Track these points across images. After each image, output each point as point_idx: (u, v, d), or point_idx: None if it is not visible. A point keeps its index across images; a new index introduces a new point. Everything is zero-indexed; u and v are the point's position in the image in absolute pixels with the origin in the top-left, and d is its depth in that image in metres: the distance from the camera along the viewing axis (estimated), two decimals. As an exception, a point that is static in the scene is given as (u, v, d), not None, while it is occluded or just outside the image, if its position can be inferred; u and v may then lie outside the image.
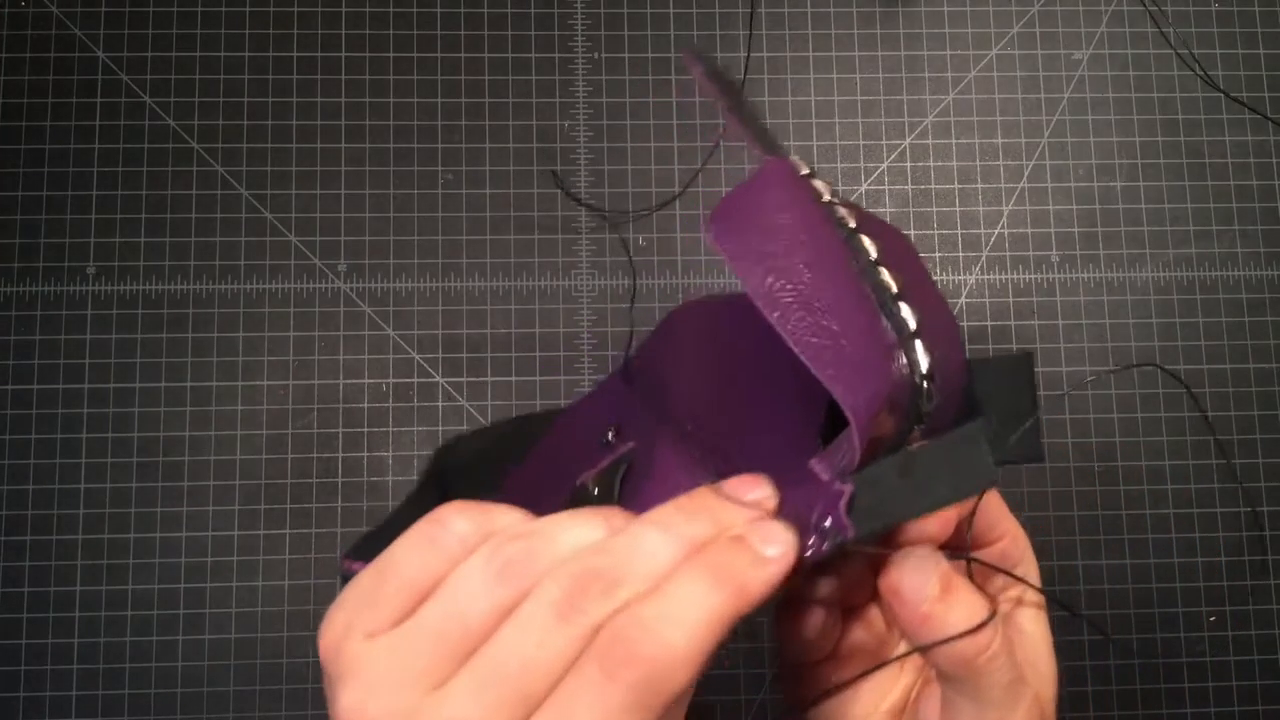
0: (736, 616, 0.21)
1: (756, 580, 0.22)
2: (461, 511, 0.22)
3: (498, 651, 0.20)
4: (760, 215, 0.25)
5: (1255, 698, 0.46)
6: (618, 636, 0.20)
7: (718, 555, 0.21)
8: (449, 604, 0.21)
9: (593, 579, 0.21)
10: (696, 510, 0.22)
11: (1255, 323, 0.49)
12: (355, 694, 0.21)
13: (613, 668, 0.20)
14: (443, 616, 0.21)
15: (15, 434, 0.46)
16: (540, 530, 0.22)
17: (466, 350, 0.47)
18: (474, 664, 0.20)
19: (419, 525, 0.22)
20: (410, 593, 0.22)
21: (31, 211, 0.47)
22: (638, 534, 0.22)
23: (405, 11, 0.49)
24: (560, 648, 0.20)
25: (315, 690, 0.45)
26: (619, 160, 0.49)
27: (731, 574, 0.21)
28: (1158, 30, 0.51)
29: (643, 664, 0.20)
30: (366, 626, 0.21)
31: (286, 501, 0.46)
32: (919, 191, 0.49)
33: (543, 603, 0.21)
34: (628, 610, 0.20)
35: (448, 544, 0.22)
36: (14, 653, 0.44)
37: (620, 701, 0.19)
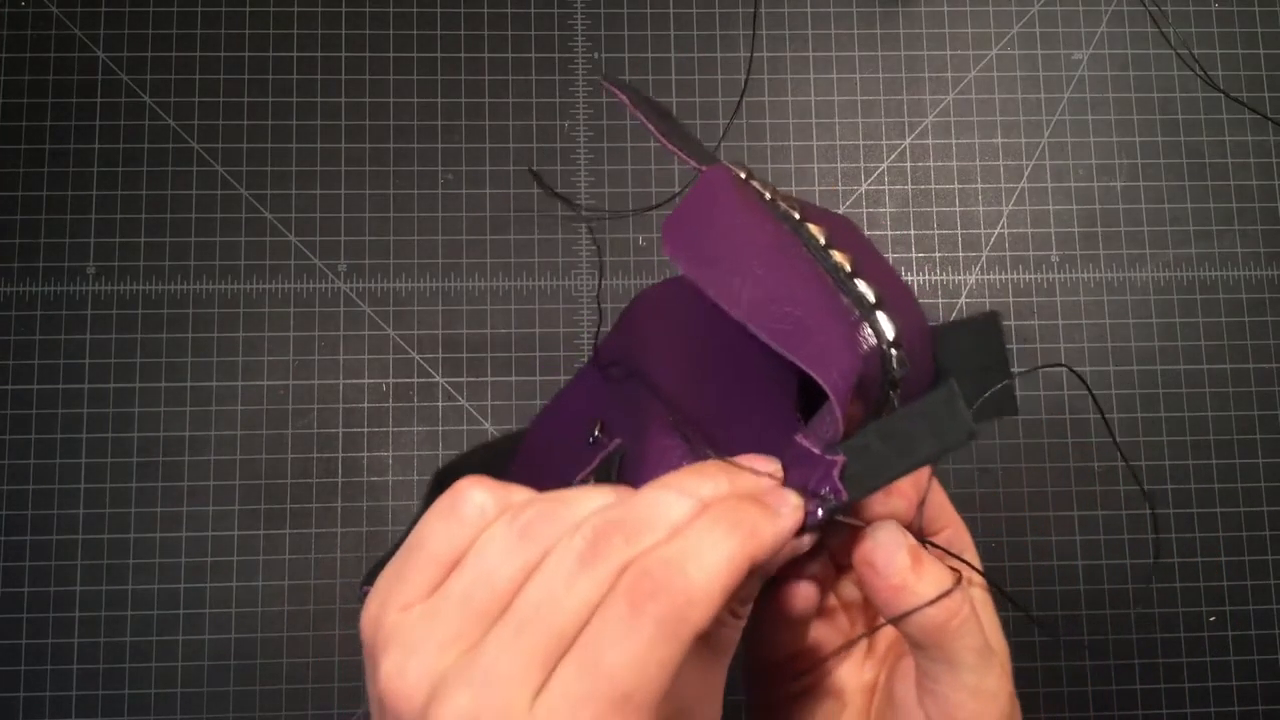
0: (751, 564, 0.22)
1: (770, 531, 0.23)
2: (478, 484, 0.23)
3: (526, 601, 0.21)
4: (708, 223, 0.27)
5: (1255, 698, 0.46)
6: (644, 573, 0.21)
7: (733, 507, 0.23)
8: (476, 568, 0.22)
9: (614, 528, 0.22)
10: (709, 474, 0.24)
11: (1255, 323, 0.49)
12: (394, 660, 0.21)
13: (639, 601, 0.20)
14: (471, 580, 0.22)
15: (15, 434, 0.46)
16: (558, 497, 0.23)
17: (466, 350, 0.47)
18: (505, 618, 0.21)
19: (439, 502, 0.23)
20: (438, 564, 0.23)
21: (31, 211, 0.47)
22: (654, 492, 0.23)
23: (405, 11, 0.49)
24: (587, 590, 0.21)
25: (315, 690, 0.45)
26: (619, 160, 0.49)
27: (747, 523, 0.22)
28: (1158, 30, 0.51)
29: (668, 597, 0.20)
30: (400, 600, 0.22)
31: (286, 501, 0.46)
32: (919, 191, 0.49)
33: (568, 553, 0.21)
34: (651, 552, 0.21)
35: (469, 515, 0.23)
36: (14, 653, 0.44)
37: (648, 634, 0.20)
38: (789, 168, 0.49)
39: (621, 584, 0.21)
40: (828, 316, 0.25)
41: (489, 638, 0.21)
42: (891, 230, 0.49)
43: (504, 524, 0.22)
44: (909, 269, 0.49)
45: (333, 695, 0.45)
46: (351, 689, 0.45)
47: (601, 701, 0.20)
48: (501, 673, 0.20)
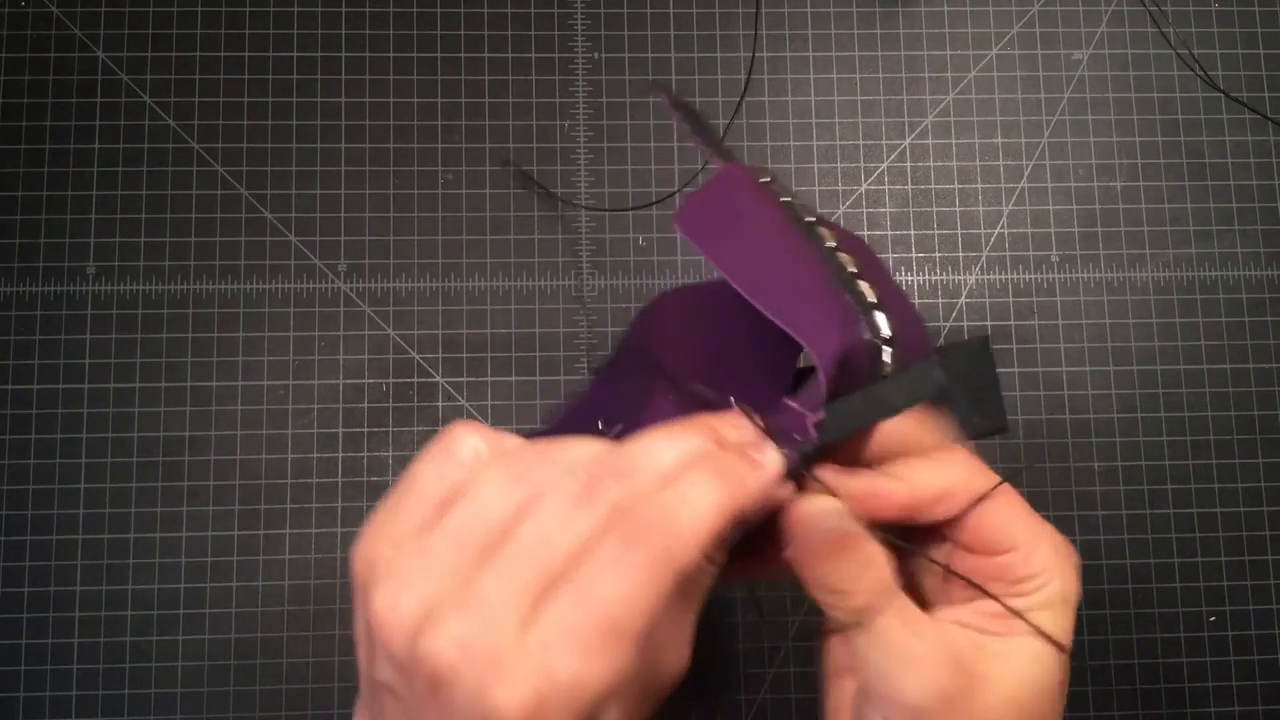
0: (736, 510, 0.23)
1: (753, 480, 0.24)
2: (471, 428, 0.24)
3: (521, 537, 0.22)
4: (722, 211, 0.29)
5: (1255, 698, 0.46)
6: (635, 513, 0.22)
7: (719, 458, 0.24)
8: (471, 506, 0.23)
9: (608, 471, 0.23)
10: (696, 427, 0.25)
11: (1255, 323, 0.49)
12: (387, 593, 0.22)
13: (630, 539, 0.21)
14: (467, 516, 0.23)
15: (15, 434, 0.46)
16: (553, 444, 0.24)
17: (466, 350, 0.47)
18: (500, 552, 0.22)
19: (434, 443, 0.24)
20: (431, 503, 0.23)
21: (31, 211, 0.47)
22: (645, 441, 0.24)
23: (405, 11, 0.49)
24: (580, 528, 0.22)
25: (315, 690, 0.45)
26: (619, 160, 0.49)
27: (732, 472, 0.23)
28: (1158, 30, 0.51)
29: (658, 537, 0.21)
30: (393, 536, 0.23)
31: (286, 501, 0.46)
32: (919, 191, 0.49)
33: (563, 493, 0.22)
34: (643, 495, 0.22)
35: (463, 457, 0.24)
36: (14, 653, 0.44)
37: (638, 570, 0.21)
38: (789, 168, 0.49)
39: (615, 523, 0.22)
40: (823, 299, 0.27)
41: (483, 570, 0.22)
42: (891, 230, 0.49)
43: (499, 465, 0.23)
44: (909, 269, 0.49)
45: (333, 695, 0.45)
46: (351, 689, 0.45)
47: (591, 631, 0.21)
48: (494, 602, 0.21)
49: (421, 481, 0.24)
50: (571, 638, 0.21)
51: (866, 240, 0.49)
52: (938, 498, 0.26)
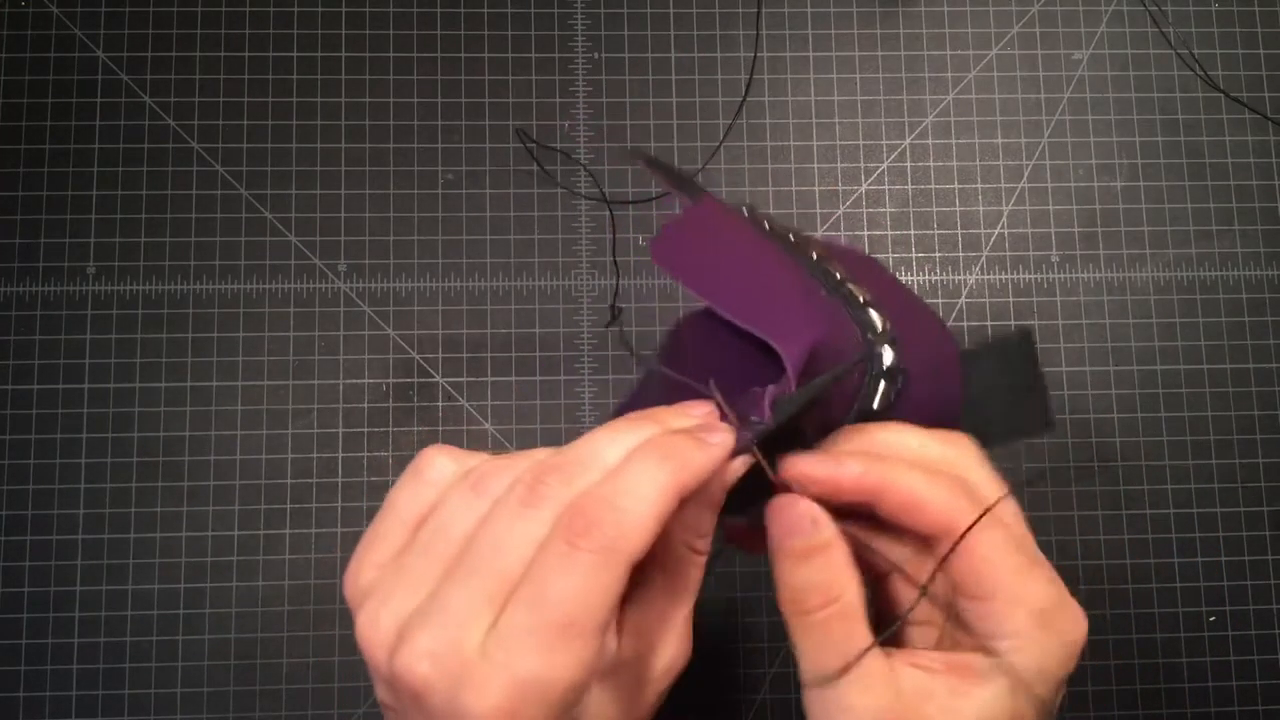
0: (684, 489, 0.23)
1: (700, 458, 0.24)
2: (441, 450, 0.26)
3: (477, 547, 0.23)
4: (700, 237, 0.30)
5: (1255, 698, 0.46)
6: (578, 511, 0.22)
7: (664, 440, 0.24)
8: (436, 523, 0.24)
9: (551, 472, 0.23)
10: (645, 419, 0.25)
11: (1255, 323, 0.49)
12: (368, 612, 0.23)
13: (575, 537, 0.22)
14: (432, 534, 0.24)
15: (15, 434, 0.46)
16: (508, 456, 0.25)
17: (466, 350, 0.47)
18: (460, 564, 0.23)
19: (406, 472, 0.25)
20: (406, 525, 0.25)
21: (31, 211, 0.47)
22: (589, 438, 0.25)
23: (405, 11, 0.49)
24: (528, 531, 0.23)
25: (315, 690, 0.45)
26: (619, 160, 0.49)
27: (677, 453, 0.24)
28: (1158, 30, 0.51)
29: (603, 530, 0.22)
30: (373, 560, 0.24)
31: (286, 501, 0.46)
32: (919, 191, 0.49)
33: (510, 499, 0.23)
34: (586, 491, 0.23)
35: (432, 477, 0.25)
36: (14, 653, 0.44)
37: (585, 565, 0.22)
38: (789, 168, 0.49)
39: (559, 522, 0.22)
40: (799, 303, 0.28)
41: (448, 583, 0.23)
42: (891, 230, 0.49)
43: (462, 481, 0.24)
44: (909, 269, 0.49)
45: (333, 695, 0.45)
46: (351, 689, 0.45)
47: (548, 631, 0.21)
48: (456, 613, 0.22)
49: (396, 506, 0.25)
50: (530, 638, 0.21)
51: (865, 245, 0.49)
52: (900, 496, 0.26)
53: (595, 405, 0.47)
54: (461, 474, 0.25)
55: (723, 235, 0.31)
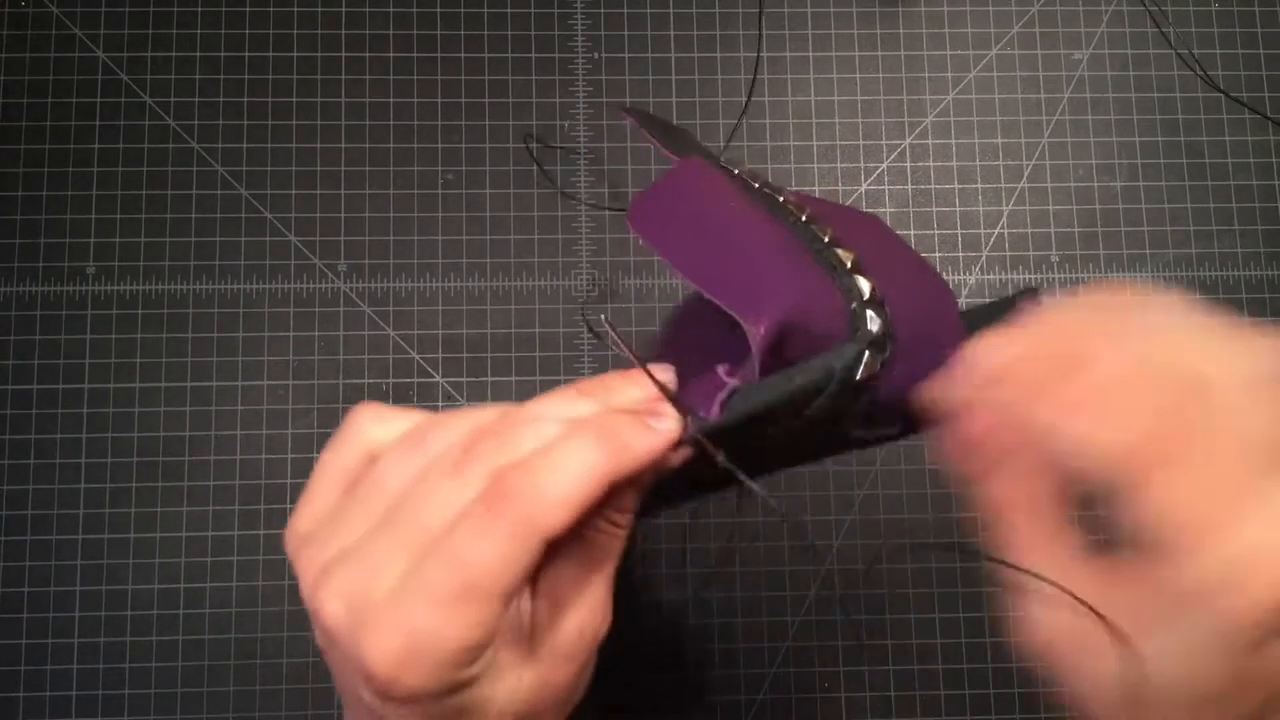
0: (615, 475, 0.23)
1: (639, 444, 0.24)
2: (366, 411, 0.26)
3: (406, 503, 0.23)
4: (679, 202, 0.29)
5: (1255, 698, 0.46)
6: (503, 479, 0.23)
7: (607, 420, 0.24)
8: (373, 478, 0.25)
9: (485, 437, 0.24)
10: (593, 389, 0.25)
11: (1255, 323, 0.49)
12: (306, 557, 0.24)
13: (495, 503, 0.22)
14: (368, 487, 0.24)
15: (15, 434, 0.46)
16: (450, 414, 0.25)
17: (466, 350, 0.47)
18: (387, 516, 0.23)
19: (335, 432, 0.26)
20: (335, 484, 0.25)
21: (31, 211, 0.47)
22: (531, 406, 0.25)
23: (405, 11, 0.49)
24: (455, 493, 0.23)
25: (316, 690, 0.45)
26: (619, 160, 0.49)
27: (617, 436, 0.23)
28: (1158, 30, 0.51)
29: (522, 503, 0.22)
30: (312, 513, 0.25)
31: (286, 501, 0.46)
32: (919, 191, 0.49)
33: (444, 460, 0.24)
34: (516, 462, 0.23)
35: (358, 439, 0.26)
36: (14, 653, 0.44)
37: (500, 534, 0.22)
38: (789, 168, 0.49)
39: (484, 488, 0.23)
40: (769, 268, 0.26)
41: (374, 534, 0.23)
42: (891, 230, 0.49)
43: (401, 440, 0.25)
44: (909, 269, 0.49)
45: (333, 695, 0.45)
46: (351, 689, 0.45)
47: (450, 590, 0.22)
48: (373, 559, 0.23)
49: (325, 465, 0.26)
50: (433, 596, 0.22)
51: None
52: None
53: (595, 405, 0.47)
54: (399, 433, 0.25)
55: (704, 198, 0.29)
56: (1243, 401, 0.21)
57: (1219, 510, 0.20)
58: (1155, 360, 0.22)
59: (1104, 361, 0.23)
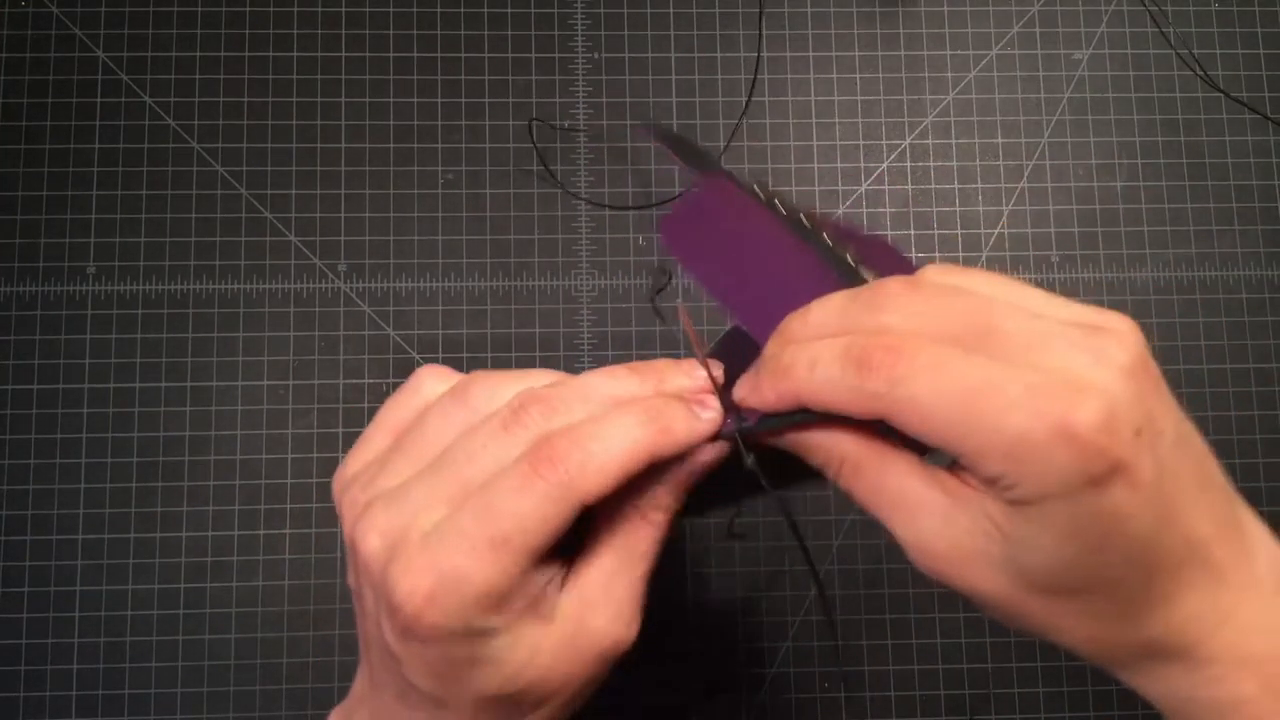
0: (656, 454, 0.24)
1: (683, 430, 0.25)
2: (431, 371, 0.28)
3: (451, 453, 0.25)
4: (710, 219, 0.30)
5: (1255, 698, 0.46)
6: (549, 442, 0.24)
7: (656, 402, 0.25)
8: (419, 429, 0.26)
9: (536, 402, 0.25)
10: (645, 371, 0.26)
11: (1255, 323, 0.49)
12: (350, 495, 0.26)
13: (538, 464, 0.23)
14: (414, 437, 0.26)
15: (15, 434, 0.46)
16: (498, 374, 0.26)
17: (466, 350, 0.47)
18: (431, 464, 0.25)
19: (398, 389, 0.28)
20: (391, 432, 0.27)
21: (31, 211, 0.47)
22: (584, 378, 0.26)
23: (405, 11, 0.50)
24: (500, 451, 0.24)
25: (316, 690, 0.45)
26: (619, 160, 0.49)
27: (663, 418, 0.25)
28: (1158, 30, 0.51)
29: (565, 467, 0.23)
30: (361, 458, 0.27)
31: (286, 501, 0.46)
32: (919, 191, 0.49)
33: (493, 419, 0.25)
34: (564, 428, 0.24)
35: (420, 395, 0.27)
36: (14, 653, 0.44)
37: (537, 493, 0.23)
38: (789, 167, 0.49)
39: (529, 449, 0.24)
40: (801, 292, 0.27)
41: (414, 478, 0.25)
42: (891, 230, 0.49)
43: (449, 395, 0.26)
44: (909, 269, 0.49)
45: (333, 695, 0.45)
46: (351, 689, 0.45)
47: (485, 535, 0.23)
48: (414, 502, 0.24)
49: (384, 417, 0.28)
50: (463, 540, 0.23)
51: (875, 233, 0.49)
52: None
53: (595, 405, 0.47)
54: (450, 389, 0.27)
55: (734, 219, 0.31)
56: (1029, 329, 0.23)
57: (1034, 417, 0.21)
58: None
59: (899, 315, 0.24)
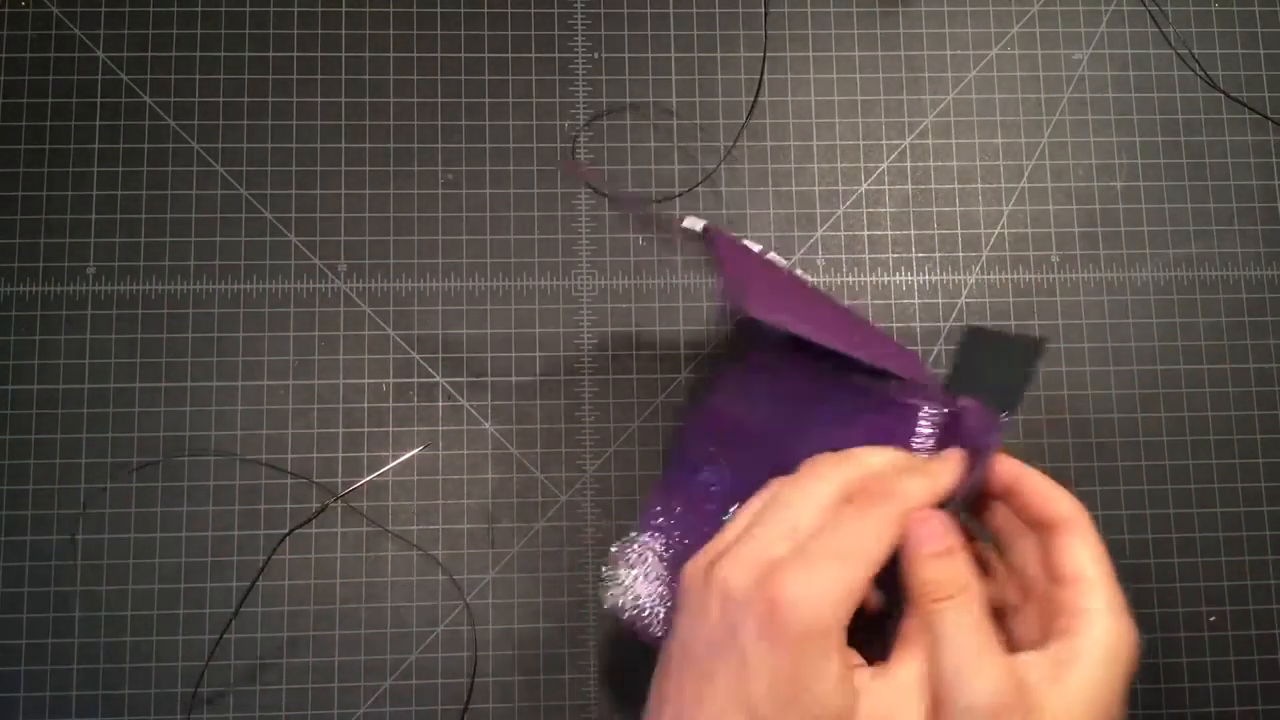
0: (940, 496, 0.31)
1: (944, 482, 0.32)
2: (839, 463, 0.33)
3: (785, 508, 0.31)
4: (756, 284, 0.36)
5: (1255, 698, 0.46)
6: (869, 492, 0.30)
7: (919, 465, 0.33)
8: (774, 505, 0.31)
9: (826, 461, 0.32)
10: (888, 450, 0.33)
11: (1255, 323, 0.49)
12: (692, 566, 0.31)
13: (865, 504, 0.30)
14: (772, 511, 0.31)
15: (15, 434, 0.46)
16: (814, 476, 0.32)
17: (466, 350, 0.47)
18: (771, 514, 0.31)
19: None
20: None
21: (31, 211, 0.47)
22: (864, 451, 0.33)
23: (405, 11, 0.49)
24: (811, 495, 0.31)
25: (316, 690, 0.45)
26: (619, 160, 0.49)
27: (931, 473, 0.32)
28: (1158, 30, 0.51)
29: (886, 501, 0.30)
30: (727, 538, 0.32)
31: (287, 501, 0.46)
32: (919, 191, 0.49)
33: (801, 477, 0.32)
34: (876, 474, 0.32)
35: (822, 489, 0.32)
36: (14, 653, 0.44)
37: (871, 521, 0.29)
38: (789, 168, 0.49)
39: (856, 490, 0.31)
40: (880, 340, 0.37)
41: (757, 524, 0.30)
42: (891, 230, 0.49)
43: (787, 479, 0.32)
44: (909, 269, 0.49)
45: (333, 695, 0.45)
46: (352, 689, 0.45)
47: (839, 553, 0.28)
48: (762, 540, 0.29)
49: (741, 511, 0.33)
50: (827, 552, 0.28)
51: (865, 245, 0.49)
52: (1034, 487, 0.33)
53: (595, 405, 0.47)
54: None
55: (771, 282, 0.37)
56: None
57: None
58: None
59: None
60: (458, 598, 0.46)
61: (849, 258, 0.49)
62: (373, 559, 0.46)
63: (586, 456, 0.47)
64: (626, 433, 0.47)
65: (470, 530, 0.46)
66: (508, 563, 0.46)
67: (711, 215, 0.49)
